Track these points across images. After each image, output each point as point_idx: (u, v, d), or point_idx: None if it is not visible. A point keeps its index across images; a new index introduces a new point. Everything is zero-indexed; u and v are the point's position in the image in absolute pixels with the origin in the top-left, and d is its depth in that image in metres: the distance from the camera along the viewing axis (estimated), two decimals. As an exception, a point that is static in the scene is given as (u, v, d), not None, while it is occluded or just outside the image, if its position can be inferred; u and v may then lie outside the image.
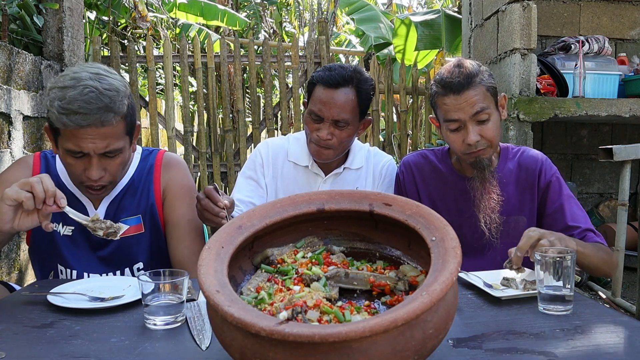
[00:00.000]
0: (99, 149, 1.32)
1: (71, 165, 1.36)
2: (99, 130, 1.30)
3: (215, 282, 0.81)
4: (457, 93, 1.50)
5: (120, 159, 1.39)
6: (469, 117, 1.51)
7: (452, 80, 1.51)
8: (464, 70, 1.52)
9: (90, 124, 1.28)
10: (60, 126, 1.30)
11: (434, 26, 5.48)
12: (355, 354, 0.70)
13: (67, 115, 1.27)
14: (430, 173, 1.75)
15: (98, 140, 1.31)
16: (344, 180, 1.86)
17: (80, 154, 1.33)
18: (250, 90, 4.88)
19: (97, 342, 0.98)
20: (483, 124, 1.53)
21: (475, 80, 1.51)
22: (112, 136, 1.33)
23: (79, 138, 1.30)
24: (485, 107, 1.51)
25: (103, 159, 1.35)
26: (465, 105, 1.50)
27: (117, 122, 1.33)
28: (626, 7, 3.77)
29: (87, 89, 1.27)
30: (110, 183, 1.42)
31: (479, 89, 1.51)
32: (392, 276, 0.94)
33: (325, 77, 1.68)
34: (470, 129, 1.52)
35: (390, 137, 4.90)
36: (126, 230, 1.51)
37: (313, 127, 1.72)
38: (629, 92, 3.30)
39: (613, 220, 3.57)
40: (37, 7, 3.33)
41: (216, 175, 4.65)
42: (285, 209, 1.01)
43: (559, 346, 0.92)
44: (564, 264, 1.08)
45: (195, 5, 6.39)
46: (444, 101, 1.54)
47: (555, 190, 1.63)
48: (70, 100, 1.26)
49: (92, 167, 1.34)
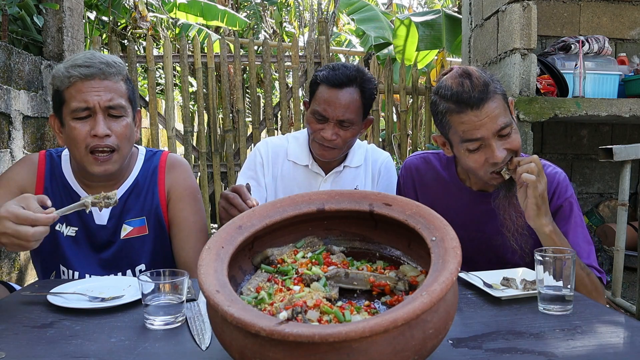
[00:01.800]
0: (104, 101, 1.38)
1: (76, 130, 1.38)
2: (102, 82, 1.38)
3: (215, 282, 0.81)
4: (476, 108, 1.32)
5: (125, 122, 1.43)
6: (492, 134, 1.34)
7: (468, 95, 1.33)
8: (476, 80, 1.34)
9: (93, 74, 1.37)
10: (66, 84, 1.38)
11: (435, 26, 5.48)
12: (355, 354, 0.70)
13: (73, 68, 1.37)
14: (432, 180, 1.63)
15: (102, 92, 1.38)
16: (344, 179, 1.86)
17: (86, 111, 1.37)
18: (250, 90, 4.88)
19: (97, 342, 0.98)
20: (506, 137, 1.36)
21: (491, 90, 1.34)
22: (115, 91, 1.40)
23: (83, 92, 1.37)
24: (508, 122, 1.35)
25: (108, 119, 1.40)
26: (487, 121, 1.33)
27: (118, 80, 1.42)
28: (626, 7, 3.77)
29: (89, 52, 1.45)
30: (117, 148, 1.41)
31: (496, 99, 1.34)
32: (392, 276, 0.94)
33: (330, 77, 1.67)
34: (494, 146, 1.34)
35: (390, 137, 4.90)
36: (130, 231, 1.51)
37: (317, 127, 1.70)
38: (629, 92, 3.30)
39: (613, 220, 3.57)
40: (37, 7, 3.33)
41: (216, 175, 4.65)
42: (285, 209, 1.01)
43: (559, 346, 0.92)
44: (564, 264, 1.08)
45: (195, 5, 6.39)
46: (462, 119, 1.35)
47: (564, 216, 1.48)
48: (74, 59, 1.40)
49: (98, 124, 1.38)
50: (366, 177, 1.89)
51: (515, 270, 1.35)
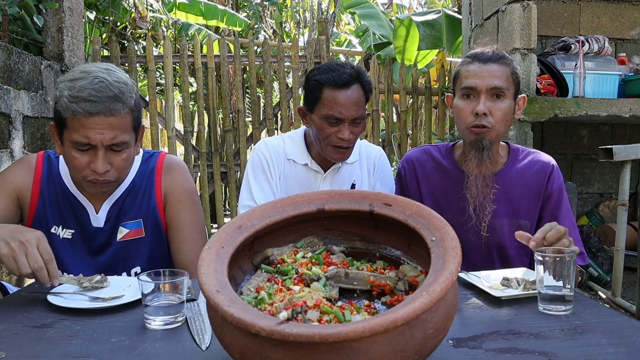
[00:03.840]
0: (107, 140, 1.32)
1: (75, 159, 1.35)
2: (107, 119, 1.31)
3: (215, 282, 0.81)
4: (482, 62, 1.51)
5: (126, 154, 1.39)
6: (485, 89, 1.49)
7: (482, 52, 1.53)
8: (496, 50, 1.55)
9: (99, 112, 1.29)
10: (69, 115, 1.30)
11: (435, 26, 5.48)
12: (355, 354, 0.70)
13: (77, 102, 1.28)
14: (432, 169, 1.71)
15: (106, 131, 1.31)
16: (342, 175, 1.87)
17: (87, 146, 1.33)
18: (250, 90, 4.88)
19: (97, 342, 0.98)
20: (495, 103, 1.50)
21: (503, 60, 1.51)
22: (120, 127, 1.34)
23: (87, 128, 1.30)
24: (504, 87, 1.50)
25: (109, 153, 1.35)
26: (486, 75, 1.49)
27: (125, 114, 1.34)
28: (626, 7, 3.77)
29: (97, 79, 1.31)
30: (115, 180, 1.40)
31: (503, 67, 1.51)
32: (392, 276, 0.94)
33: (334, 78, 1.67)
34: (482, 99, 1.49)
35: (390, 137, 4.90)
36: (126, 234, 1.51)
37: (331, 130, 1.69)
38: (629, 92, 3.30)
39: (613, 220, 3.57)
40: (37, 7, 3.33)
41: (216, 175, 4.65)
42: (285, 209, 1.01)
43: (559, 346, 0.92)
44: (564, 264, 1.08)
45: (195, 5, 6.39)
46: (467, 68, 1.53)
47: (556, 201, 1.61)
48: (80, 89, 1.29)
49: (98, 160, 1.33)
50: (362, 171, 1.90)
51: (515, 270, 1.36)
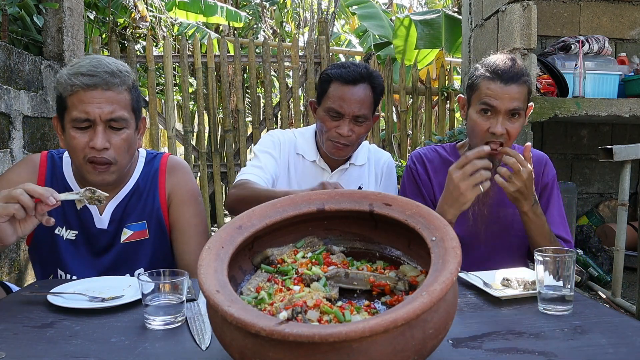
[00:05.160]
0: (105, 114, 1.35)
1: (75, 139, 1.36)
2: (105, 93, 1.35)
3: (215, 282, 0.81)
4: (504, 83, 1.55)
5: (125, 134, 1.40)
6: (505, 110, 1.55)
7: (504, 70, 1.56)
8: (517, 67, 1.58)
9: (96, 84, 1.34)
10: (68, 92, 1.35)
11: (434, 25, 5.48)
12: (355, 354, 0.70)
13: (76, 76, 1.34)
14: (440, 165, 1.76)
15: (104, 104, 1.35)
16: (350, 176, 1.88)
17: (86, 122, 1.35)
18: (250, 90, 4.88)
19: (97, 342, 0.98)
20: (512, 122, 1.56)
21: (523, 79, 1.57)
22: (118, 102, 1.37)
23: (85, 102, 1.34)
24: (521, 108, 1.56)
25: (108, 131, 1.37)
26: (506, 98, 1.54)
27: (122, 90, 1.38)
28: (626, 7, 3.77)
29: (95, 59, 1.39)
30: (114, 162, 1.40)
31: (523, 88, 1.57)
32: (392, 276, 0.94)
33: (343, 74, 1.69)
34: (500, 119, 1.55)
35: (390, 137, 4.90)
36: (130, 235, 1.51)
37: (332, 124, 1.72)
38: (629, 92, 3.30)
39: (613, 220, 3.57)
40: (37, 7, 3.33)
41: (216, 175, 4.65)
42: (285, 209, 1.01)
43: (559, 346, 0.92)
44: (564, 264, 1.08)
45: (195, 4, 6.39)
46: (489, 86, 1.57)
47: (549, 192, 1.72)
48: (79, 66, 1.36)
49: (97, 136, 1.35)
50: (369, 175, 1.91)
51: (515, 270, 1.36)
